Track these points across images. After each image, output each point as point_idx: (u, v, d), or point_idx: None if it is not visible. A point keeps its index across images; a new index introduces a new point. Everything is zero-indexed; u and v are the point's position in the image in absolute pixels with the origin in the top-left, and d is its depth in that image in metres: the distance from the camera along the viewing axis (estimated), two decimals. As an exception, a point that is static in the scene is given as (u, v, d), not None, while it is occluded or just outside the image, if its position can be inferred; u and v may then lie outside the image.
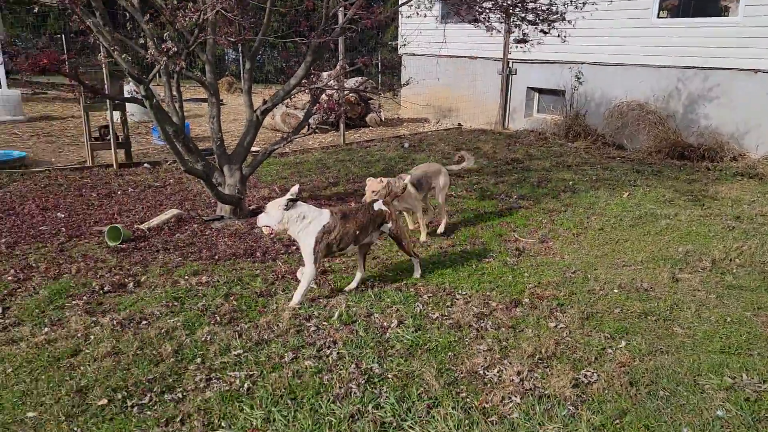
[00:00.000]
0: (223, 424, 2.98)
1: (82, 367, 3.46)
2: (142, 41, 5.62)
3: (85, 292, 4.53)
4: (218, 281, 4.76)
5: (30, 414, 3.04)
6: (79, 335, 3.84)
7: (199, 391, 3.26)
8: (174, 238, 5.85)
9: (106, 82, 8.35)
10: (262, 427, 2.95)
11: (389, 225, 4.68)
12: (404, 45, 13.16)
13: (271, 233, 4.32)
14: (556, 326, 4.08)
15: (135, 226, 6.08)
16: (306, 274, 4.32)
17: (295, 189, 4.21)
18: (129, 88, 11.26)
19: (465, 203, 7.29)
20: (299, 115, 10.51)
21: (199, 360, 3.57)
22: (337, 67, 7.68)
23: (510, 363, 3.57)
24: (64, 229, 6.01)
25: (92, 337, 3.83)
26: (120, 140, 9.07)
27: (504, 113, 13.49)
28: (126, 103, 9.05)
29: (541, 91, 13.11)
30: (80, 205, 6.95)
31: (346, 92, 8.46)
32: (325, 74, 7.66)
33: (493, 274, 5.03)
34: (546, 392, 3.28)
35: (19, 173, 8.31)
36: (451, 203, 7.23)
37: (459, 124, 14.26)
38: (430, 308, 4.33)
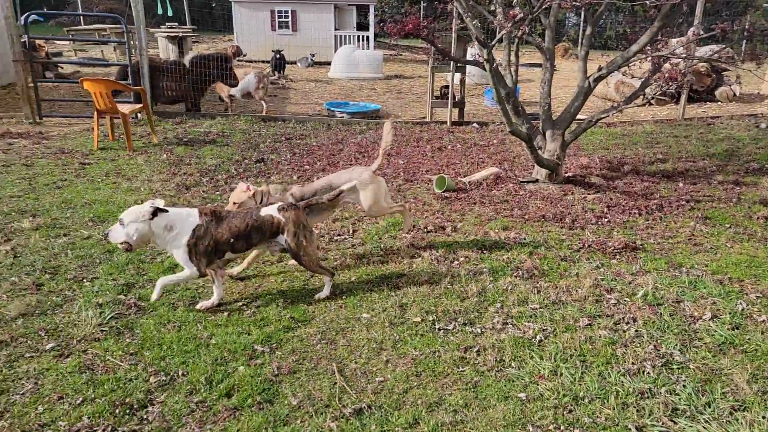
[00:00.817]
0: (513, 364, 3.24)
1: (404, 288, 4.11)
2: (492, 8, 6.03)
3: (413, 228, 5.26)
4: (525, 239, 5.01)
5: (364, 315, 3.77)
6: (404, 262, 4.53)
7: (495, 331, 3.57)
8: (490, 194, 6.29)
9: (453, 45, 9.18)
10: (549, 378, 3.11)
11: (285, 237, 3.86)
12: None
13: (129, 249, 3.70)
14: None
15: (458, 179, 6.71)
16: (184, 274, 3.78)
17: (158, 201, 3.64)
18: (471, 51, 12.12)
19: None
20: (635, 85, 9.86)
21: (498, 305, 3.89)
22: (689, 33, 6.95)
23: None
24: (402, 174, 6.98)
25: (414, 265, 4.48)
26: (456, 100, 9.93)
27: None
28: (466, 66, 9.80)
29: None
30: (416, 154, 7.93)
31: (694, 62, 7.62)
32: (673, 41, 7.04)
33: None
34: None
35: (373, 123, 9.84)
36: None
37: (844, 106, 11.54)
38: (756, 309, 3.83)
